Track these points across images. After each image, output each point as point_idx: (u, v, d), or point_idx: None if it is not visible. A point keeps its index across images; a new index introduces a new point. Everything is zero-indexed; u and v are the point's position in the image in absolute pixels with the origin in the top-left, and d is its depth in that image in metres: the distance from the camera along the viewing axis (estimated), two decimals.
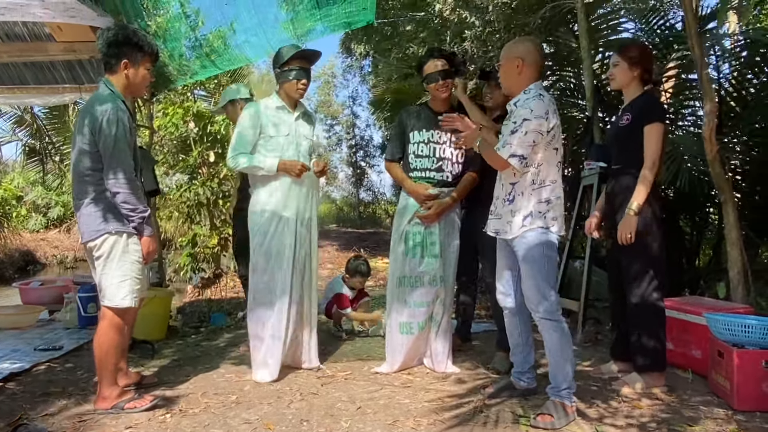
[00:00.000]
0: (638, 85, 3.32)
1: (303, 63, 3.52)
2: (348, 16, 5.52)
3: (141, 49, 3.00)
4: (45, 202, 13.96)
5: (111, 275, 2.89)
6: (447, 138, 3.59)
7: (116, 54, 2.97)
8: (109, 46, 2.96)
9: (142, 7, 4.77)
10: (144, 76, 3.06)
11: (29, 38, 5.17)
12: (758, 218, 5.11)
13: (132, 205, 2.86)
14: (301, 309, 3.55)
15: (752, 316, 3.12)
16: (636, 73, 3.29)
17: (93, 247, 2.90)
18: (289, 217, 3.47)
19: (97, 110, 2.85)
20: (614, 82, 3.39)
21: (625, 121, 3.27)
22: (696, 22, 3.69)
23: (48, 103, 6.85)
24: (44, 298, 5.42)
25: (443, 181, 3.58)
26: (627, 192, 3.17)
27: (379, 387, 3.31)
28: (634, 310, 3.21)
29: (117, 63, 2.97)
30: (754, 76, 5.23)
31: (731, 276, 3.72)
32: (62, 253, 13.08)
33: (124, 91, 3.03)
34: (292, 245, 3.47)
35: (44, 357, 3.84)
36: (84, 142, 2.88)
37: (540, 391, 3.02)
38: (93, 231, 2.88)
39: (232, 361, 3.86)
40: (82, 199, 2.91)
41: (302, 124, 3.62)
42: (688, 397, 3.08)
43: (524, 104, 2.80)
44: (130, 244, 2.92)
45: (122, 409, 2.88)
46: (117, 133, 2.83)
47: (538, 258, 2.78)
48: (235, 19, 5.25)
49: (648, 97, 3.29)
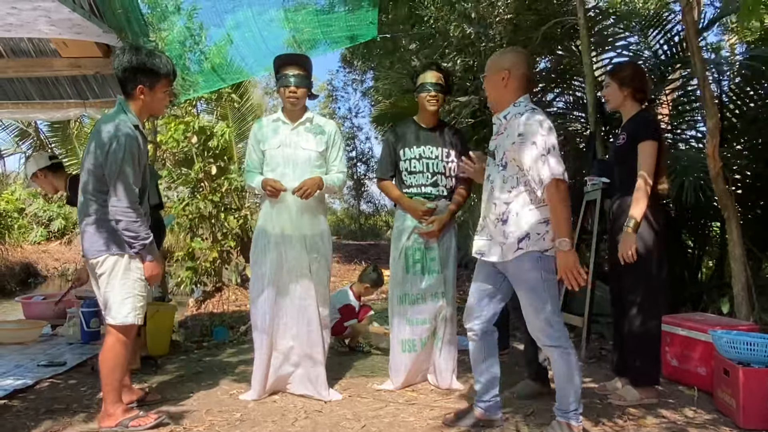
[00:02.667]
0: (633, 104, 3.36)
1: (291, 68, 3.39)
2: (350, 29, 5.57)
3: (156, 73, 2.98)
4: (47, 214, 13.96)
5: (114, 293, 2.90)
6: (439, 152, 3.60)
7: (132, 79, 2.96)
8: (124, 71, 2.96)
9: (147, 22, 4.81)
10: (161, 99, 3.05)
11: (34, 54, 5.19)
12: (759, 233, 5.12)
13: (133, 232, 2.85)
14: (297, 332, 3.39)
15: (757, 334, 3.12)
16: (627, 92, 3.33)
17: (95, 264, 2.91)
18: (272, 234, 3.38)
19: (105, 134, 2.86)
20: (608, 103, 3.46)
21: (621, 141, 3.32)
22: (698, 38, 3.72)
23: (52, 118, 6.87)
24: (46, 313, 5.41)
25: (439, 195, 3.59)
26: (625, 210, 3.21)
27: (384, 404, 3.30)
28: (632, 328, 3.23)
29: (133, 88, 2.97)
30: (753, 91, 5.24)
31: (735, 292, 3.73)
32: (63, 266, 13.05)
33: (141, 112, 3.03)
34: (273, 263, 3.35)
35: (48, 373, 3.83)
36: (91, 162, 2.90)
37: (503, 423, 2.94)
38: (95, 251, 2.89)
39: (235, 377, 3.85)
40: (85, 217, 2.92)
41: (303, 135, 3.44)
42: (693, 415, 3.07)
43: (527, 120, 2.62)
44: (131, 264, 2.92)
45: (127, 427, 2.86)
46: (123, 159, 2.82)
47: (538, 284, 2.62)
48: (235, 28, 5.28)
49: (641, 116, 3.33)
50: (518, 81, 2.74)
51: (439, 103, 3.62)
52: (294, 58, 3.53)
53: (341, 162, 3.55)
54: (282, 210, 3.39)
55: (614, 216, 3.37)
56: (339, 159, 3.54)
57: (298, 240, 3.38)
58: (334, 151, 3.53)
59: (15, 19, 3.99)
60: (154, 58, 2.98)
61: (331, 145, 3.52)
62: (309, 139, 3.46)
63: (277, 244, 3.38)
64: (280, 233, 3.38)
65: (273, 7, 4.95)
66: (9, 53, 5.18)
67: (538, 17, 5.84)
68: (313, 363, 3.40)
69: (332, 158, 3.53)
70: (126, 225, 2.83)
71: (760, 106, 5.16)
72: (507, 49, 3.16)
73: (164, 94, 3.06)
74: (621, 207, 3.29)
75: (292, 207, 3.37)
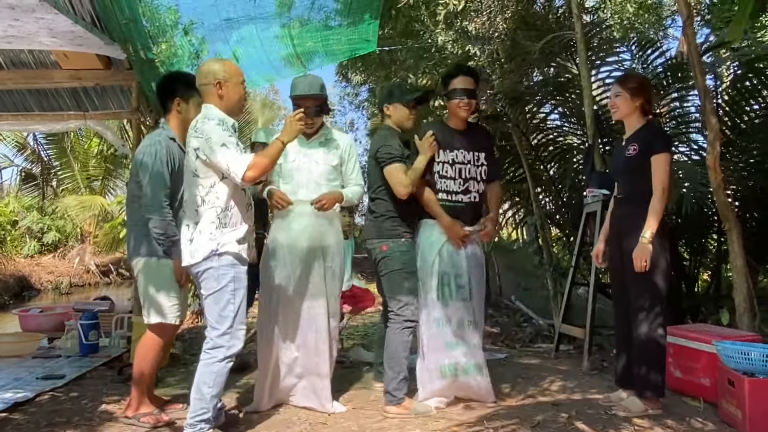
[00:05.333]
0: (640, 115, 3.37)
1: (307, 102, 3.31)
2: (350, 42, 5.62)
3: (190, 86, 3.14)
4: (39, 227, 13.87)
5: (146, 293, 3.14)
6: (471, 157, 3.55)
7: (170, 92, 3.28)
8: (159, 89, 3.36)
9: (148, 34, 4.83)
10: (195, 111, 3.11)
11: (35, 65, 5.21)
12: (756, 244, 5.16)
13: (161, 230, 3.03)
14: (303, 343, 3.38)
15: (761, 344, 3.13)
16: (638, 103, 3.34)
17: (134, 266, 3.24)
18: (285, 244, 3.37)
19: (141, 147, 3.21)
20: (617, 112, 3.42)
21: (632, 152, 3.29)
22: (698, 52, 3.77)
23: (52, 129, 6.87)
24: (44, 326, 5.37)
25: (470, 203, 3.54)
26: (635, 221, 3.19)
27: (388, 416, 3.28)
28: (639, 340, 3.23)
29: (171, 102, 3.28)
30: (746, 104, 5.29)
31: (737, 303, 3.74)
32: (57, 279, 12.96)
33: (180, 126, 3.26)
34: (285, 273, 3.35)
35: (47, 386, 3.79)
36: (133, 173, 3.26)
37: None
38: (131, 253, 3.22)
39: (237, 390, 3.82)
40: (129, 222, 3.31)
41: (317, 149, 3.44)
42: (699, 426, 3.07)
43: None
44: (161, 266, 3.13)
45: (138, 420, 3.10)
46: (153, 166, 3.07)
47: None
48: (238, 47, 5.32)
49: (654, 128, 3.34)
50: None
51: (471, 109, 3.54)
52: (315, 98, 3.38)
53: (358, 174, 3.56)
54: (296, 221, 3.37)
55: (619, 225, 3.37)
56: (356, 171, 3.56)
57: (312, 251, 3.36)
58: (350, 164, 3.53)
59: (16, 31, 4.00)
60: (186, 73, 3.39)
61: (347, 159, 3.52)
62: (323, 153, 3.44)
63: (291, 255, 3.35)
64: (294, 244, 3.36)
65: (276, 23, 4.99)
66: (9, 65, 5.18)
67: (536, 32, 5.89)
68: (318, 374, 3.37)
69: (348, 171, 3.53)
70: (154, 223, 3.03)
71: (755, 118, 5.22)
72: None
73: (199, 105, 3.11)
74: (627, 216, 3.30)
75: (306, 218, 3.36)
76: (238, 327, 2.80)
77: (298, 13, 5.02)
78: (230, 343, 2.75)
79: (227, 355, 2.75)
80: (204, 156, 2.74)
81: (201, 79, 2.88)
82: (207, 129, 2.75)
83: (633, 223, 3.20)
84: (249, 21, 4.93)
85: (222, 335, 2.75)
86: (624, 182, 3.40)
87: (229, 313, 2.75)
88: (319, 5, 4.97)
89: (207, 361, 2.75)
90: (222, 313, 2.76)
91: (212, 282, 2.76)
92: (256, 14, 5.00)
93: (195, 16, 4.98)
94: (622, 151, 3.40)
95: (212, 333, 2.76)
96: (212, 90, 2.85)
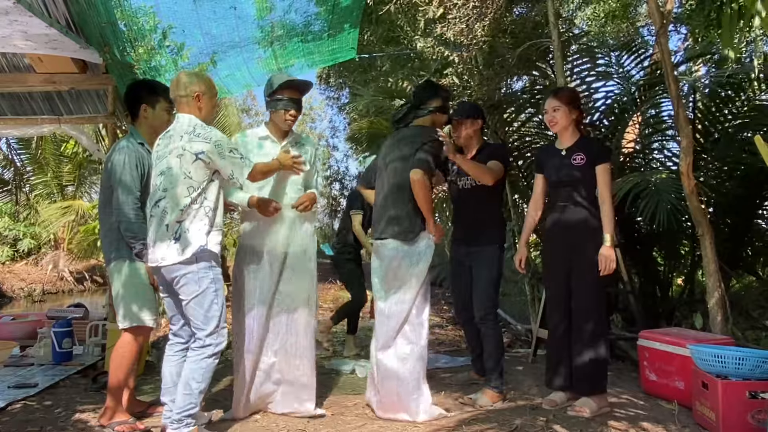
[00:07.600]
0: (575, 126, 3.48)
1: (292, 93, 3.39)
2: (332, 53, 5.63)
3: (155, 92, 3.33)
4: (12, 233, 13.58)
5: (119, 297, 3.13)
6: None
7: (135, 100, 3.35)
8: (126, 97, 3.41)
9: (125, 38, 4.78)
10: (162, 116, 3.34)
11: (8, 69, 5.11)
12: (728, 250, 5.25)
13: (132, 233, 3.05)
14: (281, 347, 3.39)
15: (734, 347, 3.20)
16: (575, 115, 3.46)
17: (108, 271, 3.23)
18: (260, 250, 3.36)
19: (110, 153, 3.25)
20: (556, 125, 3.48)
21: (579, 161, 3.38)
22: (671, 61, 3.84)
23: (26, 134, 6.72)
24: (16, 333, 5.25)
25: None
26: (583, 227, 3.33)
27: (367, 422, 3.27)
28: (586, 339, 3.31)
29: (138, 109, 3.34)
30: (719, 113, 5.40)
31: (710, 307, 3.81)
32: (30, 286, 12.69)
33: (148, 131, 3.33)
34: (263, 279, 3.34)
35: (19, 395, 3.70)
36: (104, 178, 3.27)
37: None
38: (106, 258, 3.23)
39: (214, 397, 3.78)
40: (102, 227, 3.29)
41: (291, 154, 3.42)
42: (674, 429, 3.11)
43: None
44: (134, 269, 3.14)
45: (113, 430, 3.06)
46: (123, 171, 3.11)
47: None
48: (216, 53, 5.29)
49: (594, 140, 3.50)
50: None
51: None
52: (299, 84, 3.44)
53: (320, 179, 3.65)
54: (272, 226, 3.37)
55: (567, 232, 3.40)
56: (319, 176, 3.64)
57: (289, 256, 3.38)
58: (313, 169, 3.56)
59: None
60: (150, 80, 3.43)
61: (312, 164, 3.54)
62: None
63: (268, 260, 3.35)
64: (271, 249, 3.36)
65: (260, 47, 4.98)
66: None
67: (514, 40, 5.96)
68: (298, 378, 3.37)
69: (312, 175, 3.58)
70: (126, 226, 3.06)
71: (727, 126, 5.32)
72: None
73: (165, 111, 3.36)
74: (572, 222, 3.38)
75: (283, 223, 3.37)
76: (223, 325, 2.93)
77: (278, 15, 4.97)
78: (217, 340, 2.89)
79: (215, 352, 2.88)
80: (208, 159, 2.87)
81: (179, 90, 2.97)
82: (214, 135, 2.90)
83: (585, 230, 3.32)
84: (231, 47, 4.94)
85: (210, 334, 2.87)
86: (568, 191, 3.44)
87: (215, 313, 2.88)
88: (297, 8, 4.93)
89: (195, 358, 2.86)
90: (207, 314, 2.87)
91: (193, 286, 2.85)
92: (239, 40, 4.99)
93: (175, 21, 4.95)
94: (562, 160, 3.45)
95: (200, 333, 2.88)
96: (192, 102, 2.99)
